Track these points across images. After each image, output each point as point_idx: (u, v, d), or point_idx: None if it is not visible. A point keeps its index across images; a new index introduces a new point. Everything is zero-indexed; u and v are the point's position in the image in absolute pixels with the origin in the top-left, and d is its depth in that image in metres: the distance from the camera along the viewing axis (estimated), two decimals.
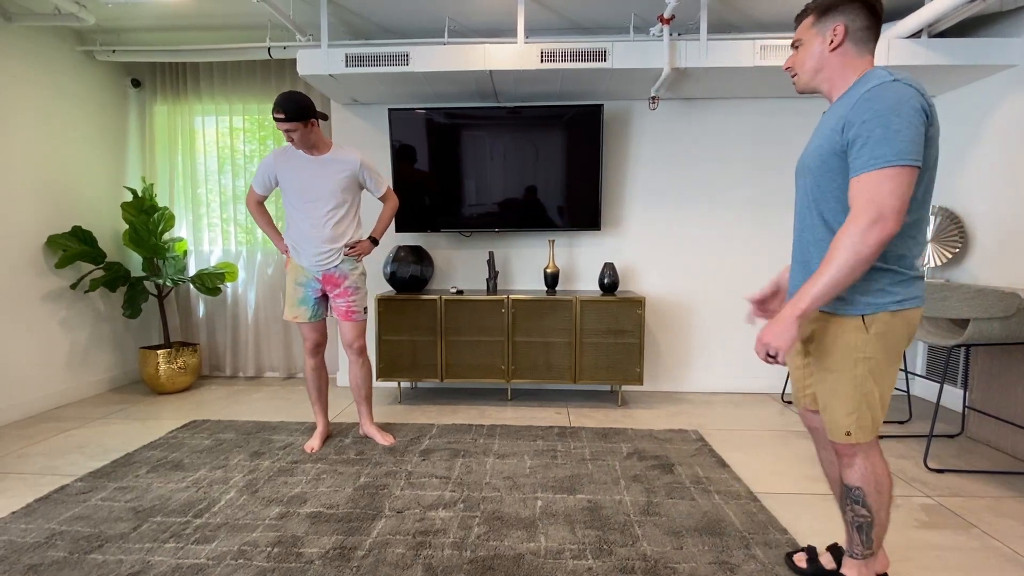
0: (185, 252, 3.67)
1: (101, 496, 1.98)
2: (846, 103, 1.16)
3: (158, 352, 3.30)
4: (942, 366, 3.14)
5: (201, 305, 3.80)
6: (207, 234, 3.76)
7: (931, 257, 3.05)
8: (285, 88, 3.61)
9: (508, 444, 2.50)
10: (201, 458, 2.34)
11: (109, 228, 3.53)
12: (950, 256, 2.96)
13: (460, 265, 3.55)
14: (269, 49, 3.20)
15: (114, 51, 3.33)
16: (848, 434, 1.25)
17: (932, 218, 3.10)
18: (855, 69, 1.22)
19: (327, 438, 2.56)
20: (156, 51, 3.34)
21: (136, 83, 3.68)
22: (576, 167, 3.26)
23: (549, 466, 2.25)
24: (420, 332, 3.13)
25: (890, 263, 1.18)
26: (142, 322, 3.78)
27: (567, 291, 3.31)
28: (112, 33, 3.30)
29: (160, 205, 3.51)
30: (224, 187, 3.71)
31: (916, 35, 2.73)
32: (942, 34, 2.85)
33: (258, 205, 2.47)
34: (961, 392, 2.95)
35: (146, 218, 3.32)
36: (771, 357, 1.19)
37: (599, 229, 3.30)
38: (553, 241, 3.29)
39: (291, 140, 2.24)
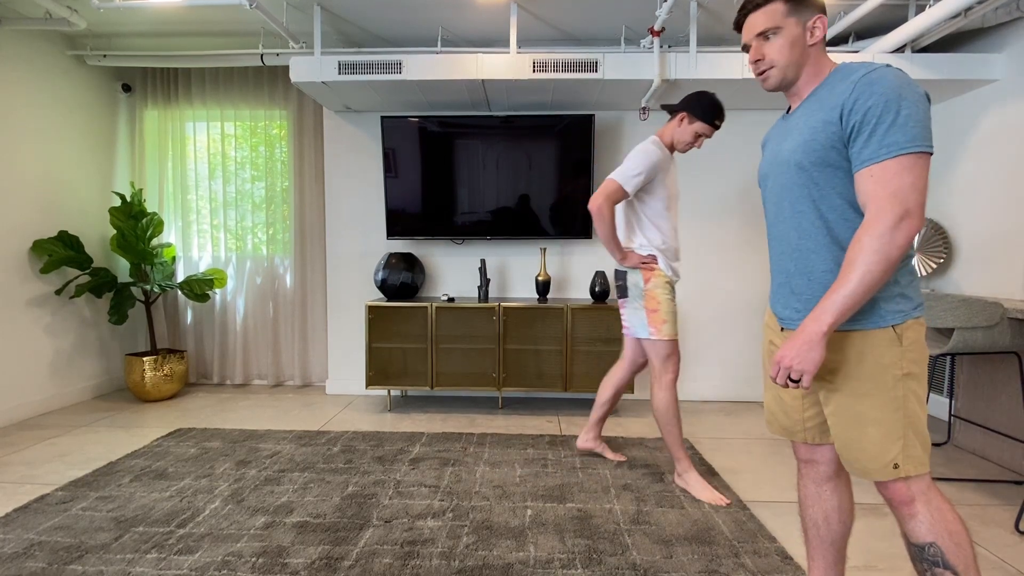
0: (173, 258, 3.63)
1: (82, 506, 1.94)
2: (833, 92, 1.06)
3: (144, 359, 3.26)
4: (928, 375, 3.17)
5: (189, 312, 3.76)
6: (196, 240, 3.73)
7: (919, 267, 3.09)
8: (278, 94, 3.61)
9: (498, 453, 2.49)
10: (186, 467, 2.30)
11: (96, 233, 3.49)
12: (935, 266, 3.00)
13: (451, 272, 3.54)
14: (262, 56, 3.20)
15: (105, 56, 3.32)
16: (896, 466, 1.05)
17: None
18: (828, 66, 1.13)
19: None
20: (147, 56, 3.33)
21: (127, 88, 3.66)
22: (568, 176, 3.28)
23: (539, 475, 2.24)
24: (410, 340, 3.11)
25: (904, 263, 1.08)
26: (128, 329, 3.73)
27: (559, 299, 3.32)
28: (103, 38, 3.29)
29: (149, 210, 3.48)
30: (215, 193, 3.69)
31: (900, 50, 2.79)
32: (925, 49, 2.91)
33: (614, 209, 2.06)
34: (947, 401, 2.98)
35: (134, 223, 3.29)
36: (793, 382, 1.04)
37: (590, 238, 3.32)
38: (545, 249, 3.29)
39: (697, 146, 2.09)
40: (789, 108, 1.21)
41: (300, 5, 2.81)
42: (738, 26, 1.18)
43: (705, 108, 2.02)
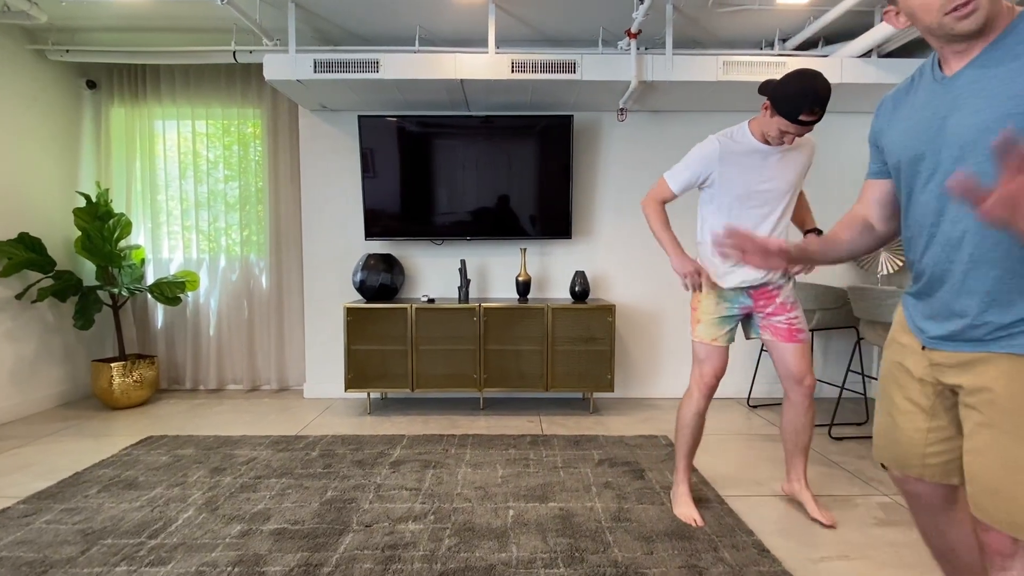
0: (143, 260, 3.52)
1: (46, 519, 1.87)
2: None
3: (112, 365, 3.15)
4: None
5: (159, 315, 3.65)
6: (167, 242, 3.62)
7: (883, 265, 3.19)
8: (251, 92, 3.53)
9: (480, 454, 2.48)
10: (157, 476, 2.23)
11: (60, 235, 3.36)
12: (900, 264, 3.11)
13: (431, 273, 3.52)
14: (234, 53, 3.13)
15: (67, 51, 3.20)
16: None
17: None
18: (1005, 12, 0.86)
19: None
20: (113, 52, 3.22)
21: (91, 84, 3.54)
22: (547, 176, 3.29)
23: (521, 475, 2.24)
24: (390, 341, 3.08)
25: None
26: (95, 334, 3.61)
27: (539, 299, 3.32)
28: (66, 32, 3.17)
29: (116, 211, 3.37)
30: (186, 193, 3.59)
31: (867, 55, 2.88)
32: (891, 54, 3.01)
33: (663, 205, 1.90)
34: None
35: (100, 225, 3.18)
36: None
37: (570, 237, 3.34)
38: (525, 249, 3.30)
39: (784, 142, 1.72)
40: (938, 65, 0.94)
41: (274, 2, 2.75)
42: None
43: (786, 98, 1.59)
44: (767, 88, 1.71)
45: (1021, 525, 0.87)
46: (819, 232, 1.93)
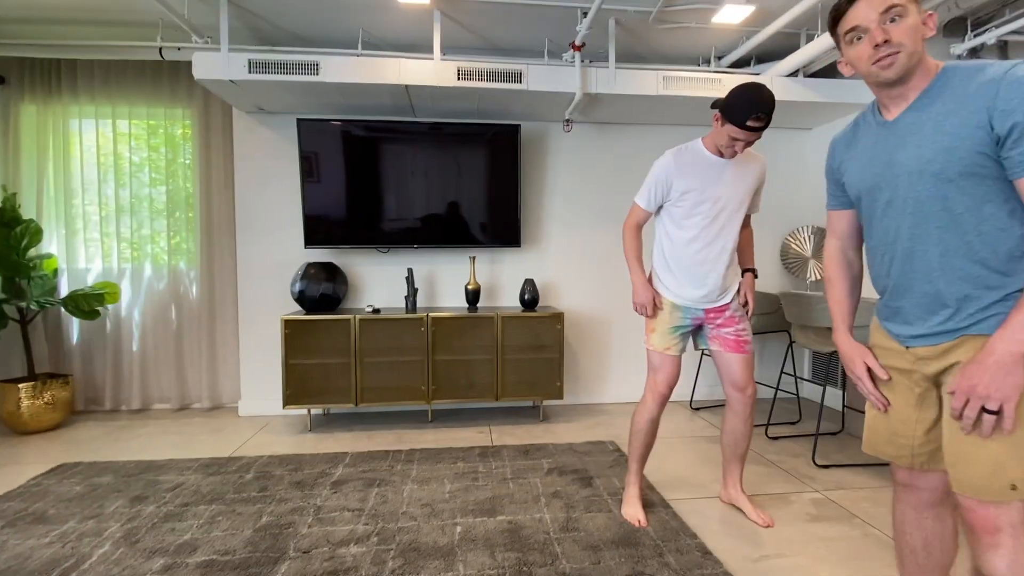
0: (55, 271, 3.23)
1: None
2: (964, 92, 0.97)
3: (20, 386, 2.85)
4: (824, 370, 3.47)
5: (75, 330, 3.35)
6: (84, 250, 3.33)
7: (812, 272, 3.39)
8: (180, 91, 3.32)
9: (427, 469, 2.42)
10: (70, 508, 2.03)
11: None
12: None
13: (377, 283, 3.42)
14: (160, 49, 2.94)
15: None
16: (1015, 488, 0.95)
17: (811, 236, 3.46)
18: (932, 66, 1.03)
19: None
20: (23, 45, 2.96)
21: None
22: (496, 184, 3.29)
23: (469, 489, 2.20)
24: (332, 354, 2.96)
25: None
26: (1, 352, 3.26)
27: (489, 307, 3.30)
28: None
29: (25, 217, 3.07)
30: (106, 198, 3.32)
31: (794, 74, 3.06)
32: (816, 74, 3.21)
33: (638, 230, 1.96)
34: (841, 392, 3.28)
35: (6, 232, 2.89)
36: (990, 413, 0.94)
37: (519, 246, 3.34)
38: (474, 258, 3.27)
39: (735, 150, 1.78)
40: (879, 111, 1.11)
41: None
42: (839, 13, 1.05)
43: (734, 106, 1.70)
44: (718, 103, 1.81)
45: (979, 488, 0.97)
46: (754, 272, 2.02)
